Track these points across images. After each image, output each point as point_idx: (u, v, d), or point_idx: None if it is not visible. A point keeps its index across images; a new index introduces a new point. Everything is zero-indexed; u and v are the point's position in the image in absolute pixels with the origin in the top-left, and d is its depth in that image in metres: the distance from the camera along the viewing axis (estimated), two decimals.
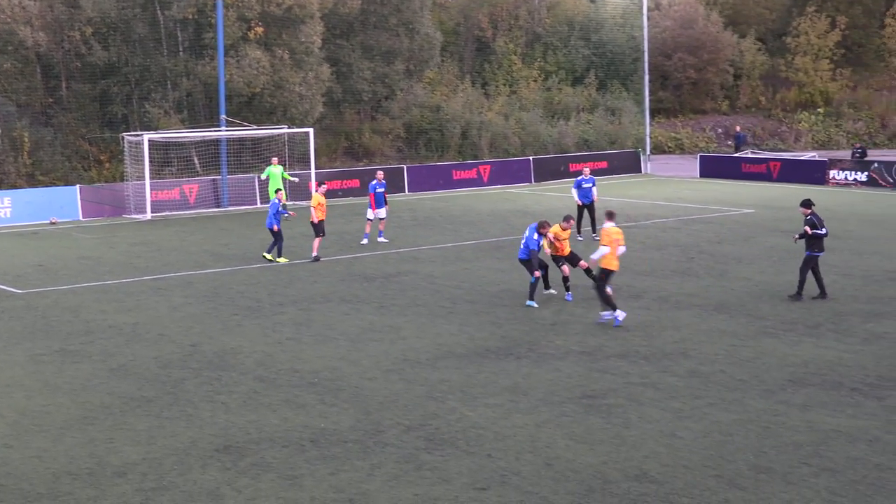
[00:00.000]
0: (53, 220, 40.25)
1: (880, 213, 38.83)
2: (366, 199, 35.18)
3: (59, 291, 26.48)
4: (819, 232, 24.35)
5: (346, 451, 14.77)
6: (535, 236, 24.02)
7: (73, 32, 47.44)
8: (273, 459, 14.47)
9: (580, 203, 34.19)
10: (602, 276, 22.19)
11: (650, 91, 61.24)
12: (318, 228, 30.53)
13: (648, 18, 61.44)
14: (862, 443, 14.86)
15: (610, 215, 22.94)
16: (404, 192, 48.98)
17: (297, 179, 42.64)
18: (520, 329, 21.80)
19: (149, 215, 41.35)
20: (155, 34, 49.42)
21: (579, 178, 34.86)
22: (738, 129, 60.06)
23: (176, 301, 25.08)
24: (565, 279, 24.62)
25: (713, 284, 26.15)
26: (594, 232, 32.67)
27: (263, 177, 41.59)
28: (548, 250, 24.74)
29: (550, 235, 24.32)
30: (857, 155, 51.83)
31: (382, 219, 33.97)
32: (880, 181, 48.27)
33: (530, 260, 24.09)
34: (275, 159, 41.34)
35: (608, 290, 22.25)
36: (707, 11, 71.99)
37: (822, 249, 24.63)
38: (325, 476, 13.85)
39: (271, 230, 30.25)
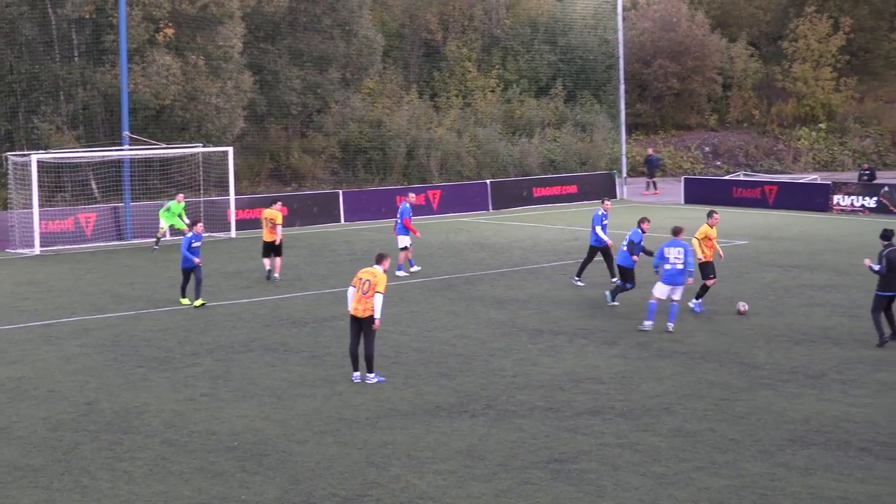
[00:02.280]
0: None
1: None
2: (296, 231, 35.06)
3: None
4: (872, 267, 24.54)
5: None
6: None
7: None
8: None
9: (595, 245, 32.35)
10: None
11: (627, 103, 61.70)
12: (279, 249, 33.50)
13: (624, 19, 62.02)
14: None
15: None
16: (340, 221, 48.96)
17: (188, 221, 41.69)
18: (476, 382, 21.81)
19: (37, 250, 41.00)
20: (45, 36, 49.21)
21: (600, 212, 32.61)
22: (650, 151, 60.36)
23: (69, 351, 24.86)
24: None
25: (700, 328, 26.30)
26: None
27: (165, 227, 40.82)
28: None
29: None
30: (865, 177, 52.54)
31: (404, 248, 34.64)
32: (891, 207, 48.90)
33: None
34: (180, 196, 40.76)
35: None
36: (691, 12, 72.77)
37: (886, 289, 24.45)
38: None
39: (187, 270, 29.94)
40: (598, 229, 32.03)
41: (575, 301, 29.90)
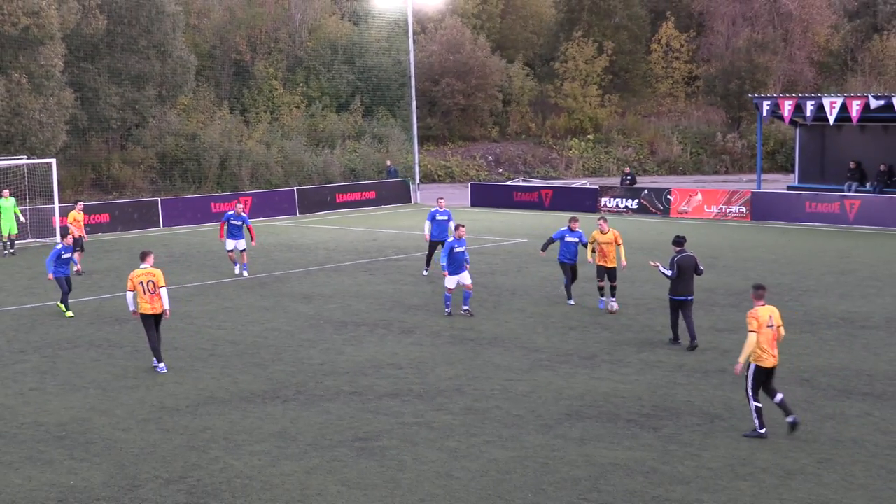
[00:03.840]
0: None
1: (651, 241, 40.43)
2: (118, 236, 34.25)
3: None
4: (664, 271, 23.03)
5: None
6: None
7: None
8: None
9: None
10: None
11: (418, 117, 62.07)
12: (77, 243, 32.83)
13: (414, 42, 62.38)
14: (639, 475, 15.39)
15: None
16: (159, 226, 48.05)
17: (23, 220, 40.45)
18: (286, 370, 21.68)
19: None
20: None
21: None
22: (388, 163, 61.03)
23: None
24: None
25: (487, 318, 26.62)
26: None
27: None
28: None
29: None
30: (627, 182, 53.93)
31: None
32: (650, 208, 50.34)
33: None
34: (6, 191, 39.57)
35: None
36: (474, 35, 73.60)
37: (676, 293, 23.03)
38: None
39: (59, 279, 27.67)
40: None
41: (374, 296, 29.95)
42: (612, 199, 51.87)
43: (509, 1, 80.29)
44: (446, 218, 32.73)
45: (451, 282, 26.56)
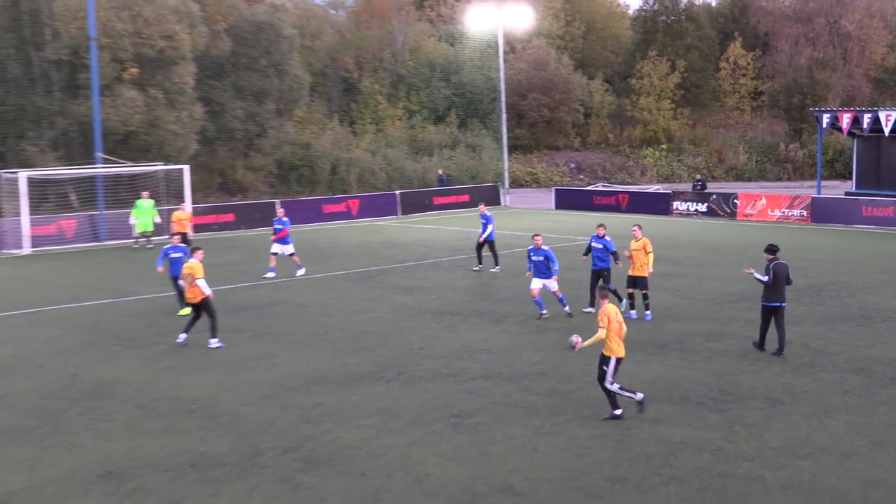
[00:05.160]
0: None
1: (719, 241, 40.00)
2: (241, 234, 34.63)
3: None
4: (760, 278, 21.34)
5: (226, 473, 14.61)
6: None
7: None
8: (154, 484, 14.22)
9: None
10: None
11: (507, 129, 62.03)
12: (182, 240, 31.01)
13: (504, 61, 62.34)
14: (707, 453, 15.29)
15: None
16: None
17: (159, 220, 40.96)
18: (389, 354, 21.84)
19: (27, 250, 40.23)
20: (29, 74, 48.31)
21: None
22: (440, 171, 60.49)
23: (54, 333, 24.46)
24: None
25: (623, 307, 26.48)
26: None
27: (132, 220, 40.21)
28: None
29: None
30: (698, 187, 53.37)
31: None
32: (719, 211, 49.76)
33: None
34: (145, 193, 40.35)
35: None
36: (558, 55, 73.38)
37: (770, 300, 21.36)
38: (205, 499, 13.68)
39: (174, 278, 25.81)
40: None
41: (468, 288, 30.03)
42: (683, 203, 51.37)
43: (590, 24, 79.88)
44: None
45: (533, 284, 25.60)
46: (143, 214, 39.40)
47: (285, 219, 32.84)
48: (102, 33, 46.07)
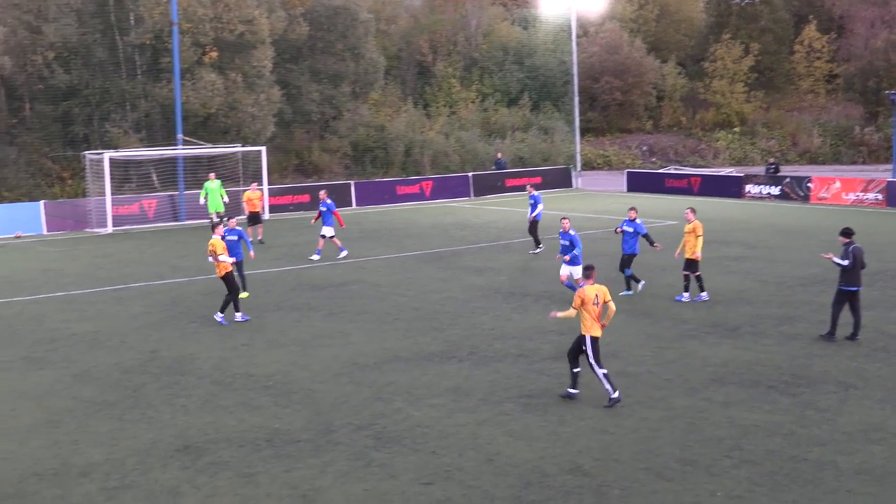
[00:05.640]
0: (18, 235, 39.66)
1: (791, 225, 39.34)
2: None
3: (24, 302, 26.07)
4: (839, 262, 20.58)
5: (299, 449, 14.68)
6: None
7: (35, 56, 46.85)
8: (230, 458, 14.35)
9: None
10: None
11: (580, 111, 61.60)
12: (256, 218, 33.93)
13: (577, 44, 61.80)
14: (778, 436, 15.03)
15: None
16: (352, 206, 48.86)
17: (227, 200, 40.93)
18: (461, 334, 21.80)
19: (109, 229, 40.87)
20: (114, 58, 48.95)
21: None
22: (499, 155, 59.52)
23: (136, 310, 24.80)
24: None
25: (640, 291, 26.27)
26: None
27: (202, 200, 40.47)
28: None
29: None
30: (771, 170, 52.49)
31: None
32: (791, 195, 48.92)
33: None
34: (212, 174, 40.57)
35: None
36: (631, 38, 72.61)
37: (849, 283, 20.56)
38: (279, 473, 13.76)
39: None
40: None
41: (539, 270, 29.87)
42: (755, 186, 50.58)
43: (664, 7, 78.83)
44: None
45: (562, 270, 24.93)
46: (212, 195, 39.77)
47: (328, 201, 32.72)
48: (184, 18, 46.52)
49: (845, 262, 20.42)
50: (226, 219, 26.66)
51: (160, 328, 22.73)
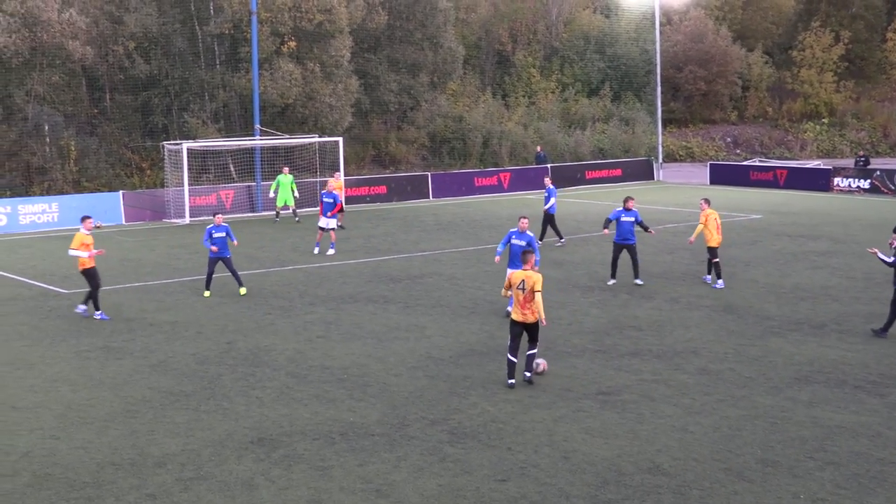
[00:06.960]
0: (98, 225, 40.37)
1: (882, 219, 38.57)
2: (392, 206, 34.98)
3: (103, 291, 26.50)
4: (885, 259, 20.74)
5: (374, 443, 14.78)
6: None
7: (116, 47, 47.68)
8: (304, 451, 14.49)
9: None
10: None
11: (662, 102, 61.05)
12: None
13: (661, 33, 61.23)
14: (865, 438, 14.77)
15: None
16: (429, 197, 49.00)
17: (297, 195, 40.94)
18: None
19: (187, 219, 41.49)
20: (193, 48, 49.62)
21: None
22: (539, 148, 58.81)
23: (212, 301, 25.15)
24: None
25: (722, 286, 25.99)
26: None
27: (272, 193, 40.96)
28: None
29: None
30: (861, 163, 51.56)
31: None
32: (882, 188, 47.99)
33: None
34: (286, 168, 40.95)
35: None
36: (716, 26, 71.71)
37: None
38: (353, 467, 13.87)
39: (211, 259, 25.67)
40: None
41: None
42: (844, 179, 49.73)
43: None
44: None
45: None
46: (283, 189, 40.16)
47: (335, 192, 32.65)
48: (263, 8, 47.01)
49: (889, 260, 20.60)
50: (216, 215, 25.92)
51: (236, 319, 23.02)
